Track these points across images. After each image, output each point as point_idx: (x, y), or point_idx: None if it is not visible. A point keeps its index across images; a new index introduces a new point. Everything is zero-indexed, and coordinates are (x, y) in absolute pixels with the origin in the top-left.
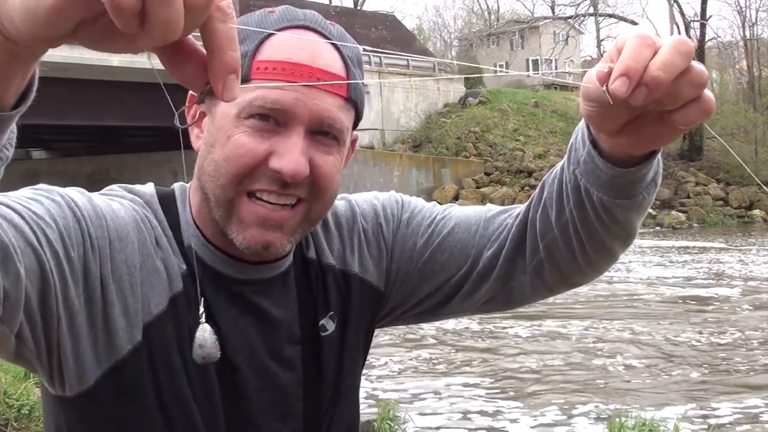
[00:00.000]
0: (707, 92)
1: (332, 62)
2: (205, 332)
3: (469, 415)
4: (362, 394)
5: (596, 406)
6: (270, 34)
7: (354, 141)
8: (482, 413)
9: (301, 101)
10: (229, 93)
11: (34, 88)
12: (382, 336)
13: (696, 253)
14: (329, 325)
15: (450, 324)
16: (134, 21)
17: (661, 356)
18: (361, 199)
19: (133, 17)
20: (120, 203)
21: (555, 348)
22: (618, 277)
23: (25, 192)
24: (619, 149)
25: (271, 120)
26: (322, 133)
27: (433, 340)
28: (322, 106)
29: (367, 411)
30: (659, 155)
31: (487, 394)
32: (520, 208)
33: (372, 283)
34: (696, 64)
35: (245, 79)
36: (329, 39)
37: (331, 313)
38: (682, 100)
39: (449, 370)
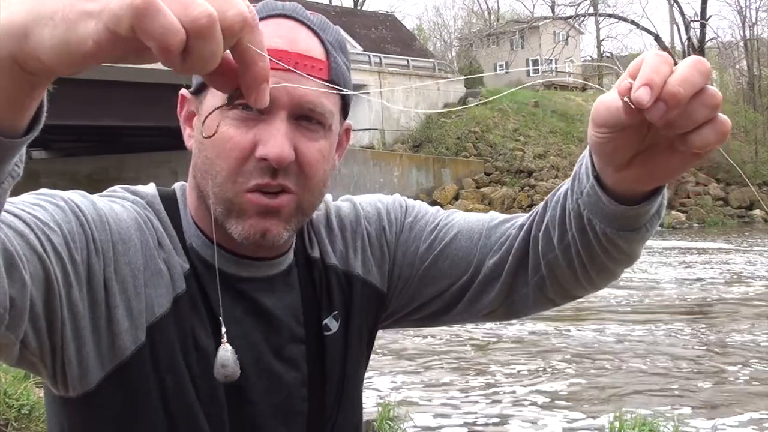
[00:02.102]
0: (722, 115)
1: (311, 47)
2: (227, 352)
3: (468, 415)
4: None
5: (594, 406)
6: None
7: (348, 130)
8: (481, 413)
9: (281, 86)
10: (261, 101)
11: (45, 109)
12: (384, 337)
13: (702, 253)
14: (332, 325)
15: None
16: (179, 58)
17: (674, 360)
18: (365, 202)
19: (179, 56)
20: (122, 205)
21: (559, 349)
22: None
23: (28, 197)
24: (625, 185)
25: (254, 108)
26: (305, 118)
27: (425, 341)
28: (302, 89)
29: (366, 411)
30: (665, 189)
31: (485, 394)
32: (523, 219)
33: (374, 284)
34: (710, 86)
35: None
36: (309, 26)
37: (335, 312)
38: (696, 122)
39: (449, 369)
